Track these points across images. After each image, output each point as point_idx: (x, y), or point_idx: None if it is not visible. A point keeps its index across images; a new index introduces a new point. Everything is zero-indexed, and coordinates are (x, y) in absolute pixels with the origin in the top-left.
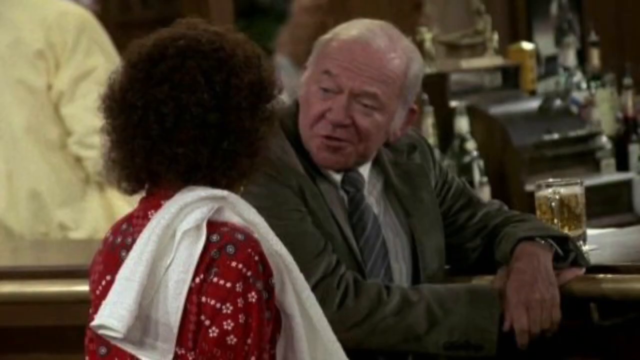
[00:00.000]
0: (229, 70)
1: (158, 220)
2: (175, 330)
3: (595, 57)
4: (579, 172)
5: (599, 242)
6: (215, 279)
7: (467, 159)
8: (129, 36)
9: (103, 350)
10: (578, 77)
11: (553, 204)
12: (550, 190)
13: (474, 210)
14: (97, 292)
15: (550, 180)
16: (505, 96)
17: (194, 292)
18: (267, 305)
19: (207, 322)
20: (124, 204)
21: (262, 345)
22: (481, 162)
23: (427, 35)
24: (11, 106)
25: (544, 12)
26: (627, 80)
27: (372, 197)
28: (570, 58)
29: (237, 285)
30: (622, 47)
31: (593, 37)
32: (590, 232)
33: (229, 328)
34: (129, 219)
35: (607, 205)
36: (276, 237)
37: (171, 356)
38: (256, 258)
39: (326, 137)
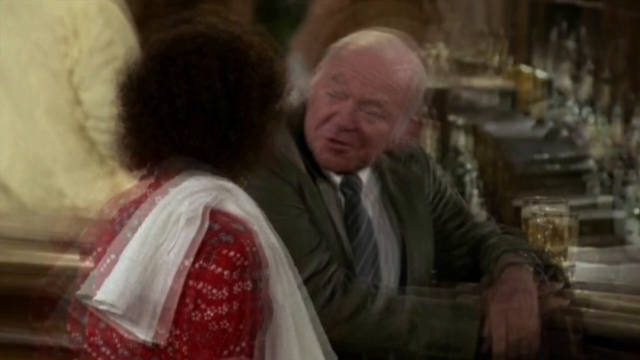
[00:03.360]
0: (243, 65)
1: (164, 206)
2: (168, 311)
3: (587, 83)
4: (564, 192)
5: (588, 276)
6: (211, 266)
7: (461, 171)
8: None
9: (84, 319)
10: (572, 102)
11: (538, 219)
12: (536, 206)
13: (463, 220)
14: (89, 263)
15: (538, 197)
16: (503, 116)
17: (189, 276)
18: (259, 295)
19: (200, 307)
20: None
21: (250, 333)
22: (474, 176)
23: (434, 51)
24: (33, 86)
25: (547, 38)
26: (617, 110)
27: (368, 201)
28: (566, 83)
29: (232, 273)
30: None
31: (590, 65)
32: (579, 265)
33: (221, 314)
34: (129, 196)
35: (590, 225)
36: (273, 230)
37: (160, 335)
38: (252, 249)
39: (330, 140)
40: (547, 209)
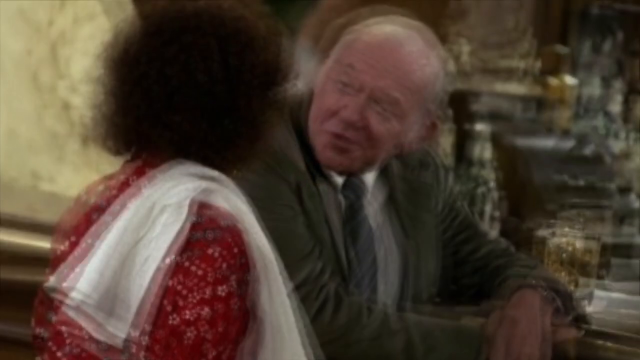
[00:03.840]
0: (246, 45)
1: (149, 194)
2: (143, 307)
3: (619, 96)
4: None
5: (606, 306)
6: (187, 264)
7: (479, 185)
8: None
9: (51, 314)
10: (618, 125)
11: (564, 255)
12: (550, 229)
13: (478, 245)
14: (60, 252)
15: (552, 221)
16: (535, 129)
17: (169, 274)
18: (243, 299)
19: (179, 307)
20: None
21: (232, 340)
22: (494, 192)
23: (465, 48)
24: (6, 37)
25: (595, 50)
26: None
27: (372, 208)
28: (615, 104)
29: (210, 274)
30: None
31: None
32: (600, 293)
33: (200, 316)
34: (109, 181)
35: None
36: (262, 231)
37: (125, 333)
38: (240, 248)
39: (335, 136)
40: (562, 231)
